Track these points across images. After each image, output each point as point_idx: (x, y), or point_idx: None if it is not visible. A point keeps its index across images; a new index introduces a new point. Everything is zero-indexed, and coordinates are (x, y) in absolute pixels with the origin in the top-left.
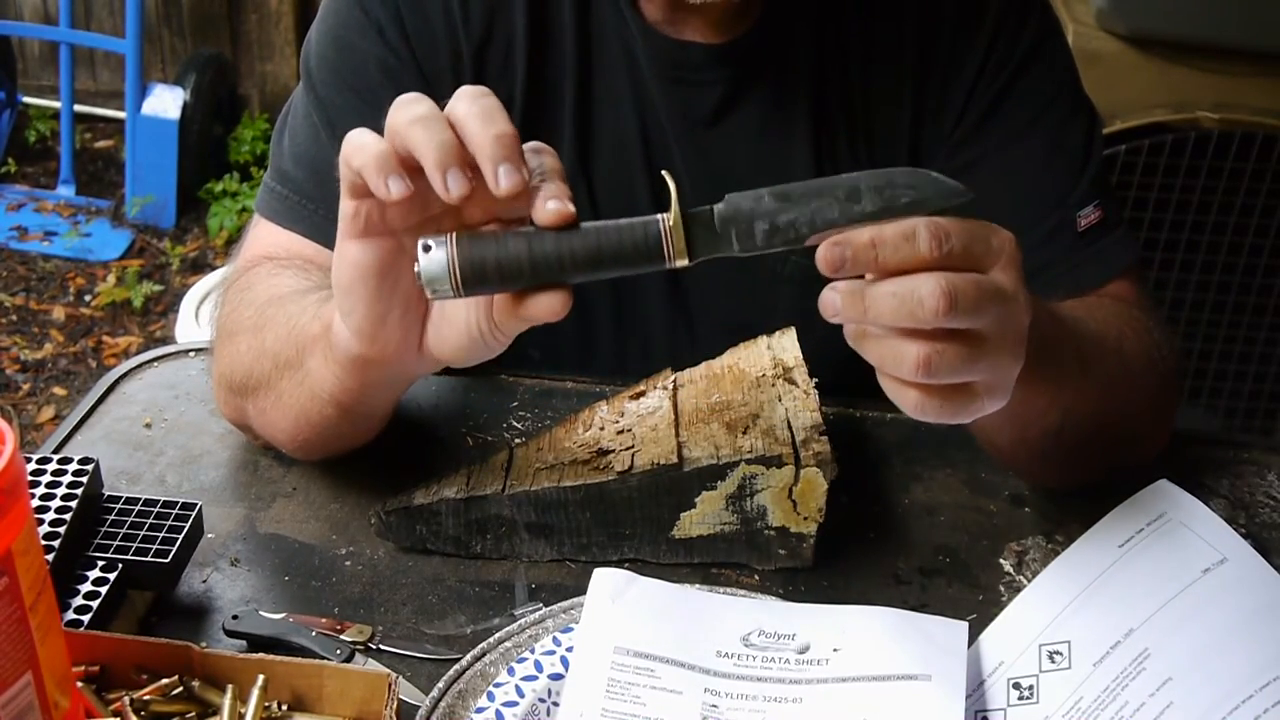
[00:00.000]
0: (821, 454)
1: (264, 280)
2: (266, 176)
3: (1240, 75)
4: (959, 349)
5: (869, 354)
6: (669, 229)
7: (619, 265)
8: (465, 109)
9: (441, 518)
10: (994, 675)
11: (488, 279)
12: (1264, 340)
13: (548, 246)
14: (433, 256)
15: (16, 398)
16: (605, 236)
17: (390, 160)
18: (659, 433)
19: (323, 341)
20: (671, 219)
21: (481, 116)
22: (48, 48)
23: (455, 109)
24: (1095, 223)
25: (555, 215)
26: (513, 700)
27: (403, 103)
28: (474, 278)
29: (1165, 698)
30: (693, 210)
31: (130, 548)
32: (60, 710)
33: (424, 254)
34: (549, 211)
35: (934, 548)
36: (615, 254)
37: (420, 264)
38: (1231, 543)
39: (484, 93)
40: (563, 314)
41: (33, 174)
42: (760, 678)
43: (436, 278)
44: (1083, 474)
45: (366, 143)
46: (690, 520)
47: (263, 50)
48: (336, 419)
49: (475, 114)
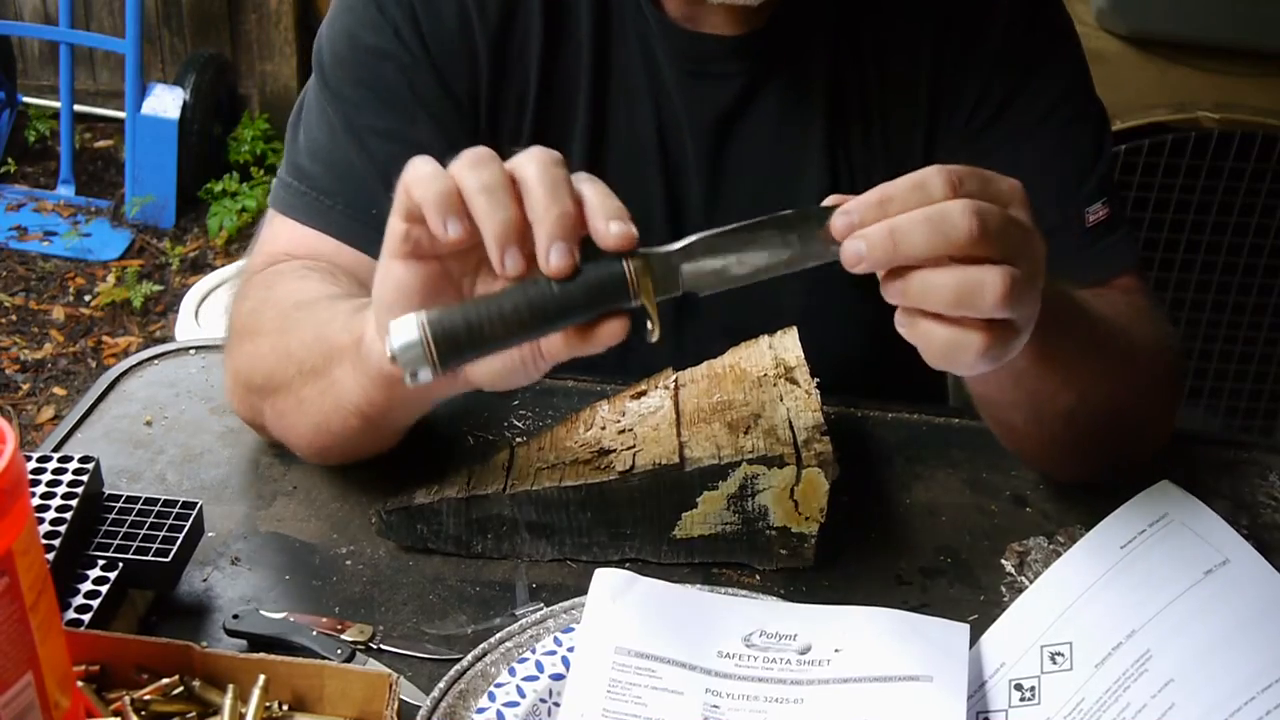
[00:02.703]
0: (823, 454)
1: (289, 281)
2: (281, 171)
3: (1240, 75)
4: (998, 274)
5: (908, 296)
6: (632, 274)
7: (586, 312)
8: (535, 177)
9: (442, 517)
10: (995, 676)
11: (463, 352)
12: (1264, 340)
13: (519, 305)
14: (405, 340)
15: (16, 398)
16: (572, 286)
17: (453, 202)
18: (660, 432)
19: (352, 353)
20: (632, 264)
21: (549, 191)
22: (48, 48)
23: (524, 173)
24: (1103, 220)
25: (556, 269)
26: (514, 700)
27: (473, 162)
28: (450, 352)
29: (1167, 699)
30: (652, 253)
31: (131, 547)
32: (61, 710)
33: (396, 337)
34: (554, 264)
35: (935, 548)
36: (585, 301)
37: (393, 348)
38: (1233, 543)
39: (556, 161)
40: (624, 336)
41: (33, 174)
42: (761, 678)
43: (413, 360)
44: (1090, 465)
45: (429, 176)
46: (691, 520)
47: (263, 50)
48: (358, 430)
49: (544, 186)
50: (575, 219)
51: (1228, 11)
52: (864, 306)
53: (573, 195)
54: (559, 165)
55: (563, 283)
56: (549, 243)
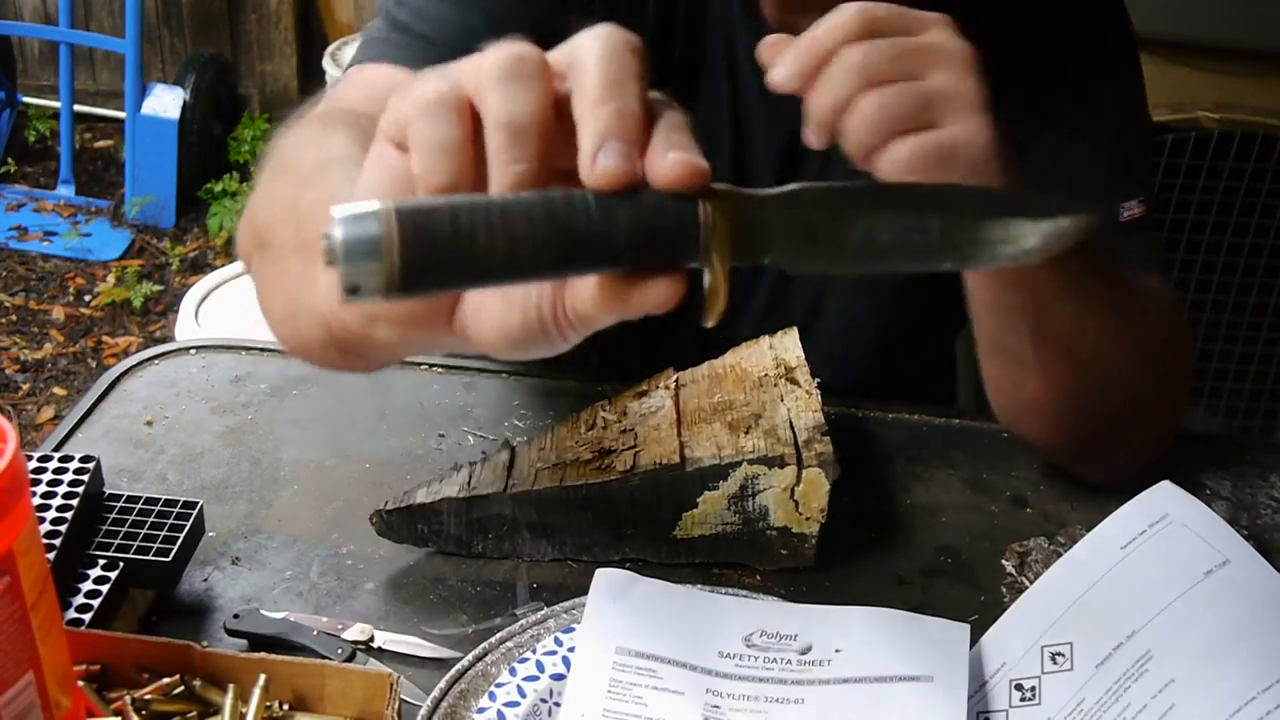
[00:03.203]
0: (824, 454)
1: (343, 127)
2: (373, 30)
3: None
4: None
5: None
6: (708, 218)
7: (631, 255)
8: (596, 57)
9: (443, 517)
10: (996, 676)
11: (439, 269)
12: (1264, 340)
13: (537, 219)
14: (356, 233)
15: (16, 398)
16: (618, 210)
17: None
18: (661, 432)
19: None
20: (711, 206)
21: (611, 80)
22: (48, 48)
23: (581, 54)
24: (1138, 216)
25: (604, 175)
26: (514, 700)
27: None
28: (423, 265)
29: (1168, 699)
30: (738, 193)
31: (131, 546)
32: (61, 709)
33: (344, 225)
34: (600, 169)
35: (936, 548)
36: (632, 236)
37: (336, 240)
38: (1234, 544)
39: (630, 47)
40: (676, 303)
41: (33, 174)
42: (762, 678)
43: (361, 265)
44: (1097, 447)
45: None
46: (692, 520)
47: (263, 50)
48: (321, 342)
49: (604, 71)
50: (640, 122)
51: (1227, 11)
52: (869, 308)
53: (642, 98)
54: (634, 55)
55: (608, 202)
56: (599, 139)
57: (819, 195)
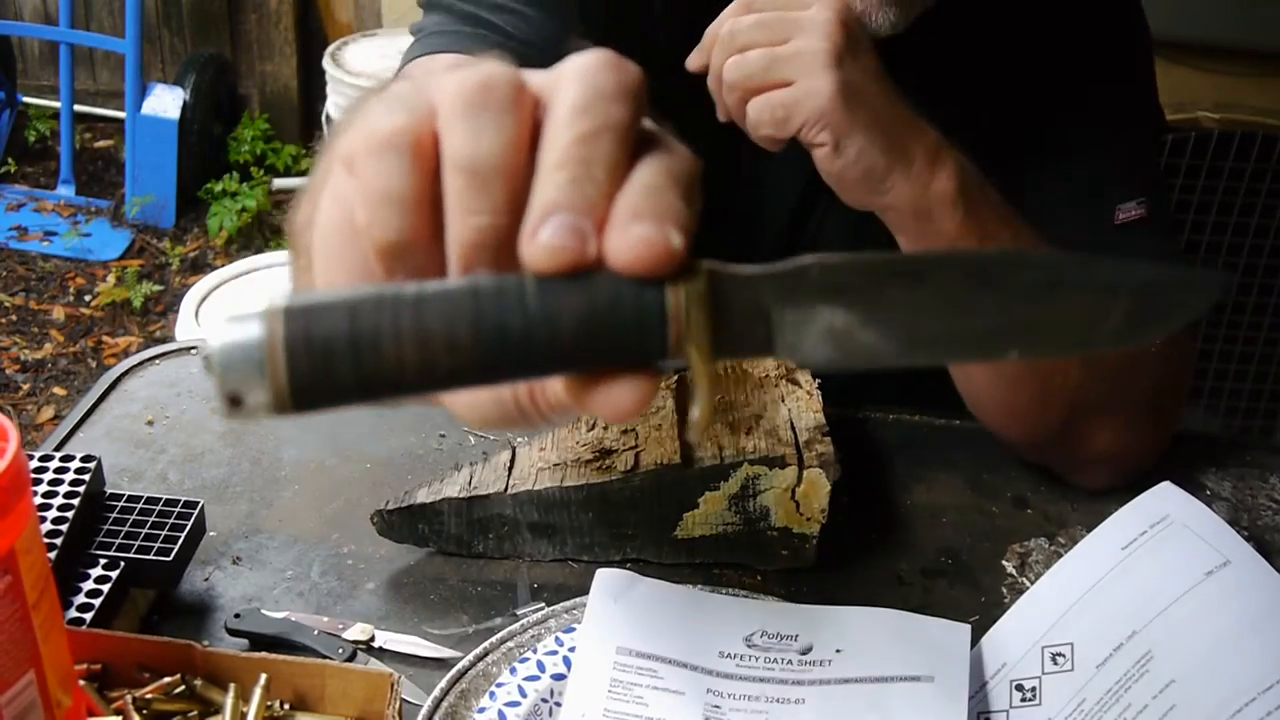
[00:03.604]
0: (825, 455)
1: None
2: (429, 25)
3: (1240, 75)
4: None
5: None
6: (679, 309)
7: (582, 356)
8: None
9: (444, 517)
10: (997, 677)
11: (335, 385)
12: (1264, 340)
13: (458, 317)
14: (235, 340)
15: (16, 398)
16: (561, 301)
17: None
18: (662, 433)
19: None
20: (684, 292)
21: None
22: (48, 48)
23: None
24: (1134, 219)
25: (545, 255)
26: (515, 700)
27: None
28: (314, 380)
29: (1168, 700)
30: (723, 273)
31: (132, 546)
32: (62, 708)
33: (223, 331)
34: (541, 246)
35: (936, 549)
36: (578, 333)
37: (213, 350)
38: (1234, 545)
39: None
40: (645, 409)
41: (33, 174)
42: (763, 678)
43: (240, 378)
44: (1064, 442)
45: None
46: (693, 520)
47: (263, 50)
48: None
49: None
50: (605, 188)
51: (1227, 11)
52: None
53: (614, 159)
54: (619, 99)
55: (551, 290)
56: (545, 212)
57: (832, 272)
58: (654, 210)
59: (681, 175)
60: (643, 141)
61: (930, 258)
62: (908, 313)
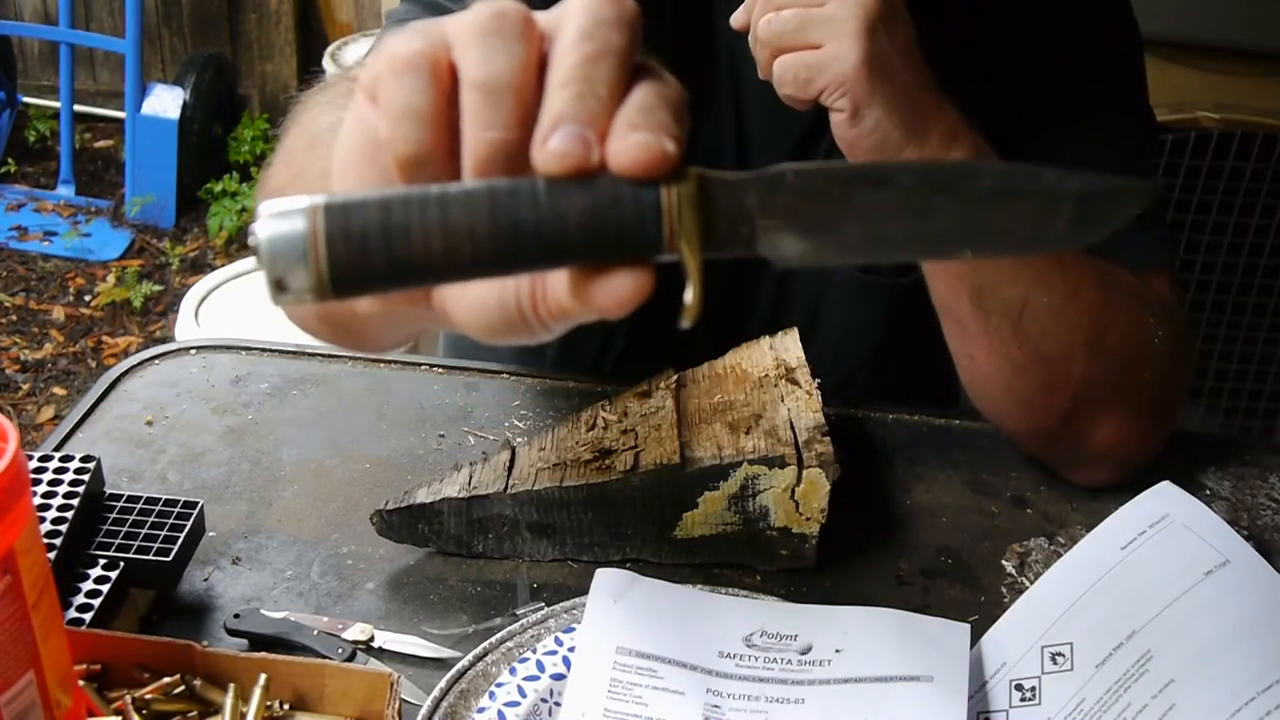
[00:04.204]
0: (824, 455)
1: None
2: (398, 13)
3: (1240, 75)
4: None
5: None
6: (672, 206)
7: (585, 249)
8: (574, 35)
9: (443, 517)
10: (996, 676)
11: (370, 269)
12: (1264, 340)
13: (478, 212)
14: (280, 231)
15: (16, 398)
16: (567, 199)
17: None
18: (662, 433)
19: None
20: (676, 192)
21: (582, 59)
22: (48, 48)
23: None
24: None
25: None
26: (515, 700)
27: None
28: (351, 265)
29: (1168, 700)
30: (711, 178)
31: (132, 546)
32: (62, 709)
33: (268, 223)
34: (550, 151)
35: (936, 549)
36: (583, 228)
37: (260, 240)
38: (1234, 545)
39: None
40: (642, 300)
41: (33, 174)
42: (762, 678)
43: (287, 265)
44: (1066, 437)
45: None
46: (692, 520)
47: (263, 50)
48: (316, 317)
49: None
50: (606, 103)
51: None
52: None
53: (616, 77)
54: (620, 27)
55: (559, 191)
56: (555, 121)
57: (806, 178)
58: (649, 123)
59: (672, 98)
60: (638, 70)
61: (894, 166)
62: (873, 214)
